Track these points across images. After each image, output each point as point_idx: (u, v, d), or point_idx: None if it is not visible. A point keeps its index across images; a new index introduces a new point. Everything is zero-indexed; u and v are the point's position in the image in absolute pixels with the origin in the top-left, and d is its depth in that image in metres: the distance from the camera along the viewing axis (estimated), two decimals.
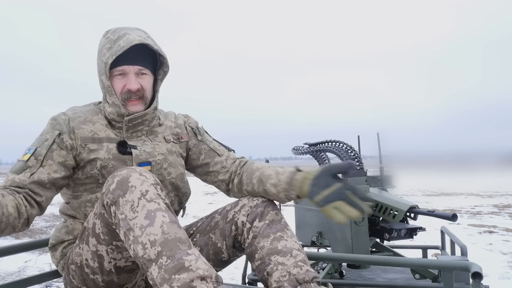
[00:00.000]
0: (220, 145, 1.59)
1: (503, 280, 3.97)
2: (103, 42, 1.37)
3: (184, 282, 1.00)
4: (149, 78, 1.41)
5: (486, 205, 10.46)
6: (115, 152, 1.37)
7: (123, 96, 1.37)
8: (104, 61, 1.34)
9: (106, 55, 1.34)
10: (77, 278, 1.31)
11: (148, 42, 1.35)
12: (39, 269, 4.16)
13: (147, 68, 1.40)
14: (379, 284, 1.99)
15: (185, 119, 1.59)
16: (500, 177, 21.57)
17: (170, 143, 1.48)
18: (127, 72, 1.37)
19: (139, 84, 1.37)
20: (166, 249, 1.04)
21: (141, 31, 1.40)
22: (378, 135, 2.49)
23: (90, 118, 1.40)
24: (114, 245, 1.21)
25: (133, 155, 1.37)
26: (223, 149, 1.57)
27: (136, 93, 1.37)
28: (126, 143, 1.38)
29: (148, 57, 1.40)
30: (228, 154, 1.56)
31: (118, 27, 1.40)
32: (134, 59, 1.36)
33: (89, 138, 1.36)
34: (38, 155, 1.31)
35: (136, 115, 1.38)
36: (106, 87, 1.37)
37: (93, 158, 1.34)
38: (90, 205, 1.36)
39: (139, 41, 1.33)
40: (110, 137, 1.38)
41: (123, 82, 1.37)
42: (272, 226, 1.27)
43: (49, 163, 1.31)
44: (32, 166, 1.29)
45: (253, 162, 1.52)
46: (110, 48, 1.33)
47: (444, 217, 1.90)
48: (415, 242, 2.54)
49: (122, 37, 1.34)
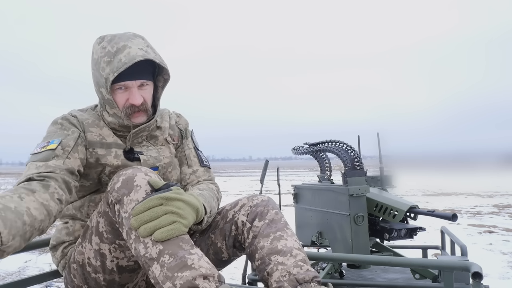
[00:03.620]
0: (196, 156, 1.55)
1: (503, 280, 3.97)
2: (99, 53, 1.31)
3: (187, 280, 1.00)
4: (150, 88, 1.39)
5: (486, 205, 10.46)
6: (124, 158, 1.36)
7: (127, 111, 1.34)
8: (105, 76, 1.28)
9: (106, 70, 1.28)
10: (79, 277, 1.31)
11: (150, 56, 1.30)
12: (39, 269, 4.16)
13: (149, 79, 1.37)
14: (379, 284, 1.99)
15: (177, 119, 1.59)
16: (500, 177, 21.58)
17: (171, 144, 1.50)
18: (129, 86, 1.32)
19: (142, 98, 1.34)
20: (168, 248, 1.05)
21: (140, 39, 1.35)
22: (378, 135, 2.49)
23: (96, 121, 1.39)
24: (117, 244, 1.21)
25: (141, 161, 1.38)
26: (195, 161, 1.54)
27: (140, 107, 1.35)
28: (133, 150, 1.39)
29: (148, 67, 1.36)
30: (197, 168, 1.52)
31: (115, 35, 1.33)
32: (135, 73, 1.31)
33: (97, 142, 1.35)
34: (65, 146, 1.27)
35: (141, 127, 1.38)
36: (106, 99, 1.34)
37: (102, 163, 1.33)
38: (94, 204, 1.36)
39: (142, 57, 1.27)
40: (118, 143, 1.38)
41: (125, 96, 1.33)
42: (272, 225, 1.27)
43: (75, 156, 1.28)
44: (59, 156, 1.24)
45: (202, 187, 1.43)
46: (109, 63, 1.28)
47: (444, 217, 1.91)
48: (415, 242, 2.55)
49: (122, 50, 1.28)
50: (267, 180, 2.75)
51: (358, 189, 2.01)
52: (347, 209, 2.01)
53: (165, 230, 1.06)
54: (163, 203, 1.09)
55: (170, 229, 1.07)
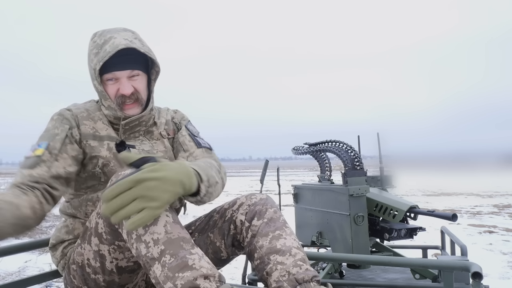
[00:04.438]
0: (191, 140, 1.52)
1: (503, 280, 3.97)
2: (90, 47, 1.37)
3: (188, 280, 1.00)
4: (141, 79, 1.40)
5: (486, 205, 10.46)
6: (115, 151, 1.38)
7: (118, 101, 1.38)
8: (93, 67, 1.34)
9: (94, 61, 1.33)
10: (78, 278, 1.31)
11: (135, 45, 1.33)
12: (39, 269, 4.16)
13: (139, 69, 1.39)
14: (379, 284, 1.99)
15: (173, 114, 1.60)
16: (500, 177, 21.58)
17: (165, 139, 1.51)
18: (119, 77, 1.36)
19: (132, 87, 1.37)
20: (169, 248, 1.05)
21: (129, 32, 1.39)
22: (378, 135, 2.49)
23: (92, 115, 1.41)
24: (117, 245, 1.21)
25: None
26: (191, 144, 1.50)
27: (131, 97, 1.37)
28: (124, 143, 1.40)
29: (138, 58, 1.39)
30: (193, 151, 1.49)
31: (105, 30, 1.38)
32: (124, 62, 1.35)
33: (90, 134, 1.37)
34: (52, 149, 1.29)
35: (132, 119, 1.40)
36: (99, 91, 1.38)
37: (95, 156, 1.35)
38: (91, 204, 1.36)
39: (124, 45, 1.31)
40: (111, 136, 1.40)
41: (116, 87, 1.37)
42: (271, 224, 1.27)
43: (64, 156, 1.30)
44: (47, 161, 1.26)
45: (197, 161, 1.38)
46: (97, 54, 1.33)
47: (444, 217, 1.91)
48: (415, 242, 2.55)
49: (108, 41, 1.33)
50: (267, 180, 2.76)
51: (358, 189, 2.01)
52: (347, 209, 2.01)
53: (134, 220, 1.01)
54: (132, 186, 1.01)
55: (140, 218, 1.01)
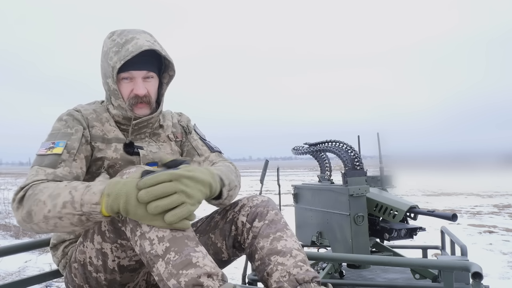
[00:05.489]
0: (204, 144, 1.56)
1: (503, 280, 3.98)
2: (109, 45, 1.37)
3: (192, 277, 1.00)
4: (154, 82, 1.42)
5: (486, 205, 10.47)
6: (123, 152, 1.38)
7: (131, 101, 1.38)
8: (112, 65, 1.33)
9: (114, 59, 1.33)
10: (79, 276, 1.31)
11: (157, 47, 1.36)
12: (39, 269, 4.17)
13: (153, 72, 1.41)
14: (379, 284, 1.99)
15: (179, 117, 1.61)
16: (500, 177, 21.59)
17: (172, 142, 1.52)
18: (135, 76, 1.37)
19: (146, 89, 1.38)
20: (174, 245, 1.05)
21: (148, 34, 1.40)
22: (378, 135, 2.49)
23: (100, 116, 1.42)
24: (119, 243, 1.21)
25: (140, 156, 1.39)
26: (205, 149, 1.55)
27: (143, 98, 1.39)
28: (133, 144, 1.41)
29: (154, 60, 1.41)
30: (208, 155, 1.53)
31: (125, 30, 1.40)
32: (141, 63, 1.36)
33: (99, 137, 1.38)
34: (70, 148, 1.29)
35: (143, 119, 1.40)
36: (112, 90, 1.38)
37: (100, 157, 1.36)
38: None
39: (148, 47, 1.33)
40: (118, 137, 1.40)
41: (130, 86, 1.38)
42: (272, 226, 1.27)
43: (81, 157, 1.31)
44: (66, 160, 1.27)
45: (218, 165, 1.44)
46: (117, 52, 1.33)
47: (444, 217, 1.91)
48: (415, 242, 2.55)
49: (130, 41, 1.34)
50: (267, 180, 2.76)
51: (358, 189, 2.02)
52: (347, 209, 2.01)
53: (176, 212, 1.04)
54: (173, 179, 1.05)
55: (180, 211, 1.04)
